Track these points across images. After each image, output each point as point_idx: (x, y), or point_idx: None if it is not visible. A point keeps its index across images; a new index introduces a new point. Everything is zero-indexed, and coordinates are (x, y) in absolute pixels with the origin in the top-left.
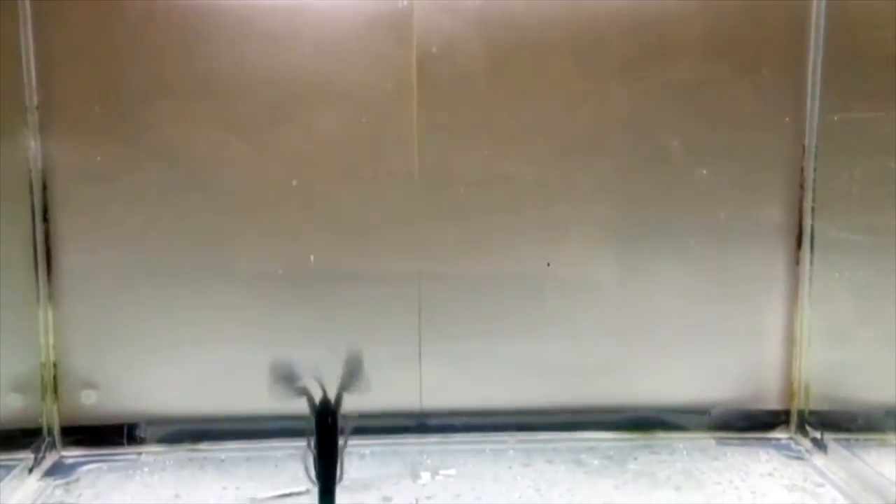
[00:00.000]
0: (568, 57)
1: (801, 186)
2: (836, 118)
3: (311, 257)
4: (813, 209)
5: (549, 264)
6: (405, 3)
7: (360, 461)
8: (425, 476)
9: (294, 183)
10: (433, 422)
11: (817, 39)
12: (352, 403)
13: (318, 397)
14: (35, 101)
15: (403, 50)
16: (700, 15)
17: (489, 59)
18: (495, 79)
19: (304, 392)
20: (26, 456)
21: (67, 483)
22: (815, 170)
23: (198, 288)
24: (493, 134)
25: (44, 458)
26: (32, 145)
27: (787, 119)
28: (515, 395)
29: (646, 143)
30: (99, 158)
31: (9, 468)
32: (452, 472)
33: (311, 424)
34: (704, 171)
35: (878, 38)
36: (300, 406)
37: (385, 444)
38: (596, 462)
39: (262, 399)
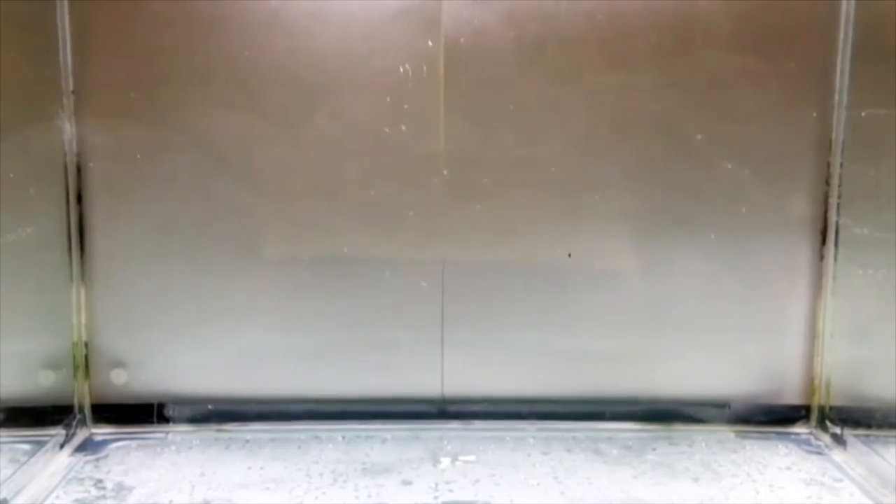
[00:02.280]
0: (595, 49)
1: (827, 181)
2: (863, 114)
3: (345, 249)
4: (838, 205)
5: (570, 255)
6: None
7: (381, 445)
8: (445, 461)
9: None
10: (454, 408)
11: (846, 34)
12: (373, 389)
13: None
14: (71, 85)
15: (432, 40)
16: (728, 8)
17: (517, 50)
18: (522, 70)
19: None
20: (58, 432)
21: (97, 459)
22: (841, 165)
23: (227, 271)
24: (518, 125)
25: (75, 434)
26: (68, 129)
27: (814, 114)
28: (536, 383)
29: (671, 136)
30: (132, 143)
31: (41, 443)
32: (472, 458)
33: None
34: (729, 165)
35: None
36: (324, 391)
37: (406, 430)
38: (615, 451)
39: (288, 381)
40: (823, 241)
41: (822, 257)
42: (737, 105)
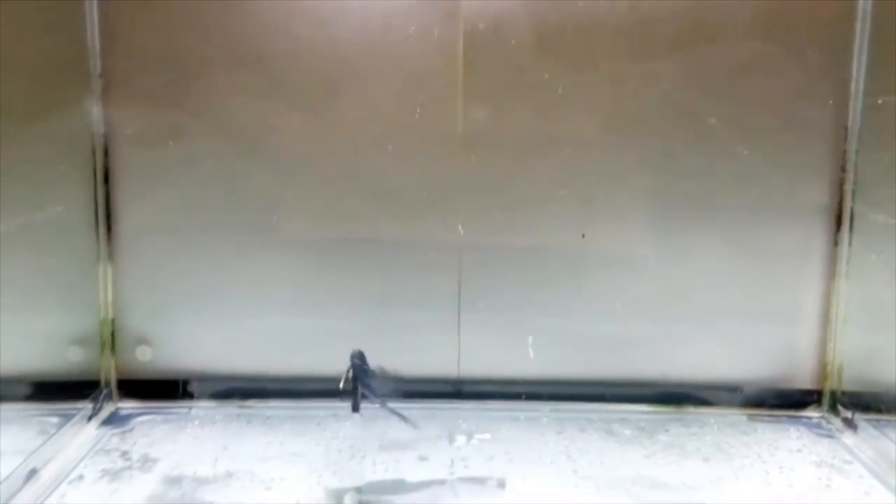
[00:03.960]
0: (613, 35)
1: (843, 168)
2: (879, 101)
3: (365, 231)
4: (854, 191)
5: (583, 235)
6: None
7: (398, 423)
8: (461, 439)
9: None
10: (470, 388)
11: (863, 22)
12: (391, 368)
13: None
14: (98, 69)
15: (451, 26)
16: None
17: (535, 36)
18: (541, 56)
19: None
20: (85, 406)
21: (123, 432)
22: (857, 152)
23: (249, 251)
24: (536, 109)
25: (101, 408)
26: (95, 112)
27: (830, 101)
28: (550, 365)
29: (689, 121)
30: (158, 125)
31: (69, 416)
32: (487, 436)
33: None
34: (746, 151)
35: None
36: (343, 369)
37: (424, 408)
38: (627, 432)
39: (308, 360)
40: (838, 227)
41: (836, 243)
42: (754, 92)
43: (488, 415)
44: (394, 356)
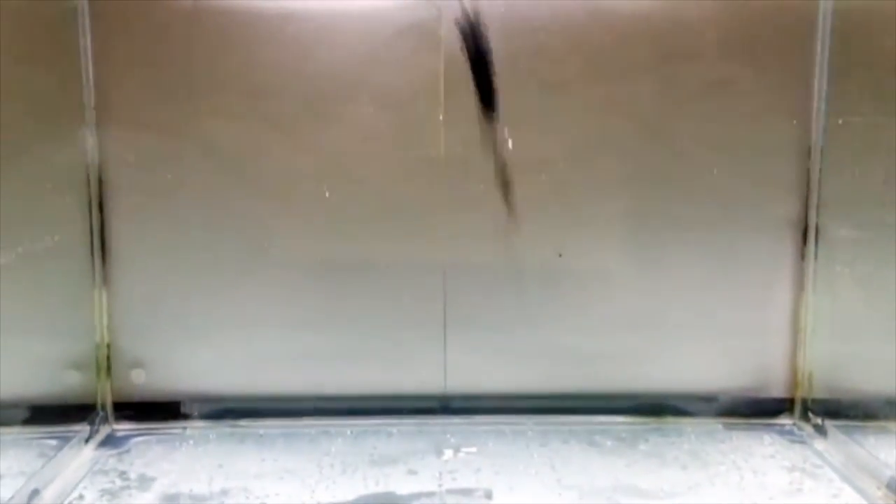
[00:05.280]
0: (586, 60)
1: (808, 185)
2: (840, 121)
3: (352, 253)
4: (818, 207)
5: (560, 255)
6: (434, 12)
7: (387, 439)
8: (448, 453)
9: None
10: (457, 404)
11: (823, 46)
12: (380, 386)
13: None
14: (93, 100)
15: (432, 55)
16: (713, 20)
17: (511, 63)
18: (517, 82)
19: None
20: (82, 428)
21: (120, 453)
22: (820, 170)
23: (239, 275)
24: (513, 133)
25: (98, 430)
26: (90, 141)
27: (794, 121)
28: (535, 380)
29: (660, 142)
30: (150, 153)
31: (67, 439)
32: (474, 449)
33: None
34: (715, 169)
35: (882, 44)
36: (332, 388)
37: (411, 424)
38: (609, 443)
39: (298, 380)
40: (805, 242)
41: (803, 257)
42: (724, 113)
43: (475, 429)
44: (382, 374)
